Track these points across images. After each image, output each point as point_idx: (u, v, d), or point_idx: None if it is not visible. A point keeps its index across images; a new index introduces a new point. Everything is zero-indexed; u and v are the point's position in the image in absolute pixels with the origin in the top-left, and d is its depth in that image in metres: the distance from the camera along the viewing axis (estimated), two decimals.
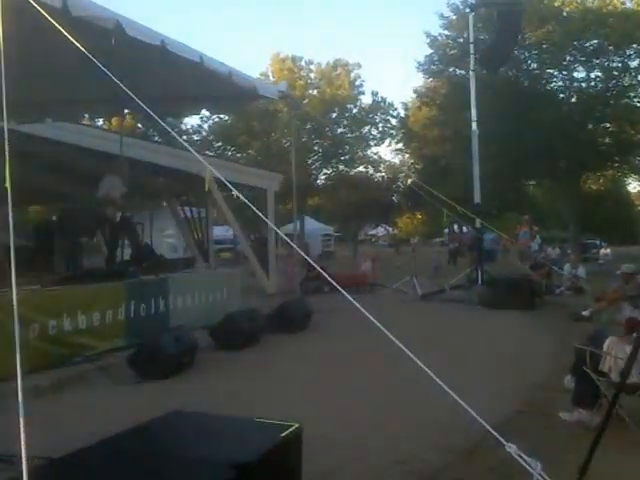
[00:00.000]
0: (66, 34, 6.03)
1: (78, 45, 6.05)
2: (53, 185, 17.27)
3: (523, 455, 3.25)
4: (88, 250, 13.42)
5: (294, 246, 7.21)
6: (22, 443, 2.93)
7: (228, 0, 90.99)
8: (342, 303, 13.88)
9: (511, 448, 3.28)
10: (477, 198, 16.72)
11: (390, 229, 65.46)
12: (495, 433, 3.44)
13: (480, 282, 15.87)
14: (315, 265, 6.25)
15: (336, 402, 6.54)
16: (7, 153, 5.79)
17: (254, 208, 5.83)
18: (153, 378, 7.46)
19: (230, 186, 5.65)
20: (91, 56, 6.12)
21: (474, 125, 16.80)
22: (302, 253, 6.26)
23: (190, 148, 7.18)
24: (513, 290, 14.16)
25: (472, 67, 17.07)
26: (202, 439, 3.24)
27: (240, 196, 5.60)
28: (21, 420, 3.13)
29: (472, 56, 17.05)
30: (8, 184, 5.77)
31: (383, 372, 7.53)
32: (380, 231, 71.95)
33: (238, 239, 18.99)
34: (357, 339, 9.95)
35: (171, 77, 9.76)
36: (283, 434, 3.26)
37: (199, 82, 9.97)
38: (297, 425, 3.38)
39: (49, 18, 6.12)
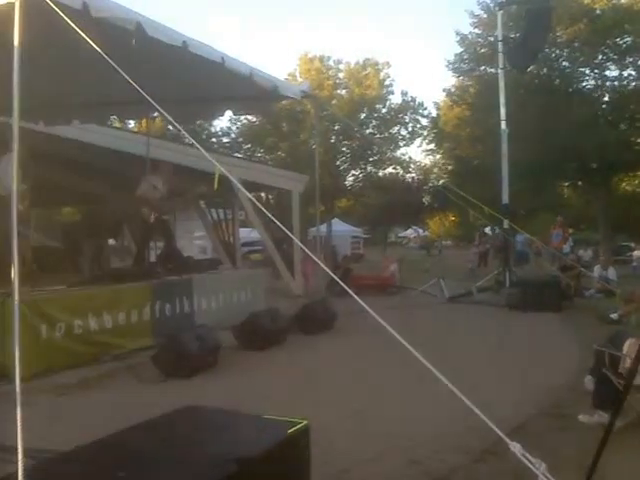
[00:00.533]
0: (84, 35, 6.14)
1: (95, 46, 6.15)
2: (82, 186, 17.54)
3: (527, 455, 3.26)
4: (116, 251, 13.66)
5: (305, 249, 7.24)
6: (19, 438, 3.00)
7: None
8: (368, 306, 13.93)
9: (515, 447, 3.29)
10: (505, 199, 16.63)
11: (421, 231, 65.20)
12: (499, 432, 3.45)
13: (508, 284, 15.73)
14: (329, 270, 6.28)
15: (353, 402, 6.61)
16: (16, 153, 5.97)
17: (265, 210, 5.92)
18: (177, 376, 7.56)
19: (239, 185, 5.74)
20: (107, 57, 6.21)
21: (503, 124, 16.71)
22: (311, 254, 6.25)
23: (199, 146, 7.29)
24: (541, 292, 14.06)
25: (501, 65, 17.02)
26: (207, 434, 3.33)
27: (251, 197, 5.69)
28: (18, 416, 3.16)
29: (500, 54, 16.98)
30: (15, 186, 5.97)
31: (401, 373, 7.56)
32: (411, 233, 71.67)
33: (264, 241, 19.07)
34: (379, 341, 10.02)
35: (193, 78, 9.84)
36: (289, 431, 3.31)
37: (221, 83, 10.03)
38: (304, 423, 3.43)
39: (66, 19, 6.22)
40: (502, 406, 6.39)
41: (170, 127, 41.24)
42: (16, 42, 6.46)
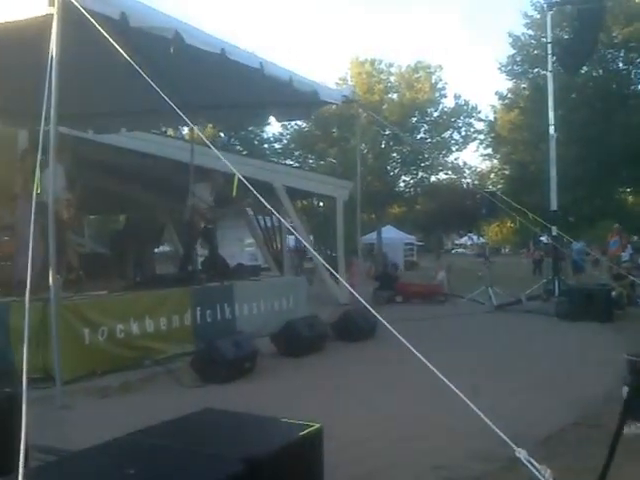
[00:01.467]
0: (116, 46, 6.35)
1: (126, 56, 6.34)
2: (131, 193, 17.90)
3: (533, 461, 3.28)
4: (164, 257, 13.96)
5: (320, 259, 7.32)
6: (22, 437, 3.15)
7: (308, 5, 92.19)
8: (414, 314, 13.99)
9: (520, 454, 3.32)
10: (553, 205, 16.47)
11: (475, 238, 64.53)
12: (506, 438, 3.49)
13: (557, 293, 15.54)
14: (338, 276, 6.32)
15: (382, 408, 6.72)
16: (39, 156, 6.23)
17: (277, 214, 6.01)
18: (214, 382, 7.74)
19: (251, 187, 5.87)
20: (136, 65, 6.39)
21: (551, 129, 16.53)
22: (320, 259, 6.33)
23: (213, 147, 7.44)
24: (591, 301, 13.82)
25: (550, 68, 16.87)
26: (218, 434, 3.44)
27: (260, 198, 5.80)
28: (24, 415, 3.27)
29: (549, 56, 16.82)
30: (34, 192, 6.20)
31: (435, 381, 7.61)
32: (468, 240, 71.09)
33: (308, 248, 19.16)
34: (419, 350, 10.03)
35: (234, 85, 10.02)
36: (301, 433, 3.40)
37: (262, 89, 10.16)
38: (317, 425, 3.51)
39: (101, 30, 6.42)
40: (537, 414, 6.42)
41: (222, 134, 42.05)
42: (53, 52, 6.75)
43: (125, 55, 6.36)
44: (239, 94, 10.62)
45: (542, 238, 35.98)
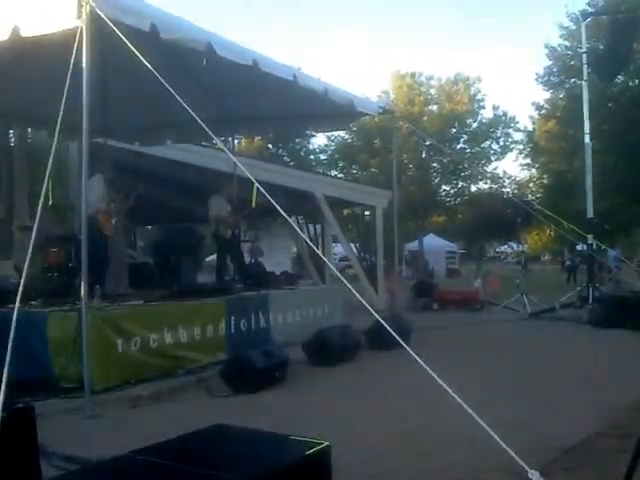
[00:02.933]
0: (142, 59, 6.16)
1: (151, 68, 6.17)
2: (175, 204, 17.88)
3: None
4: (199, 267, 13.80)
5: (330, 265, 7.06)
6: None
7: (347, 22, 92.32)
8: (448, 321, 13.67)
9: (533, 475, 3.05)
10: (590, 213, 16.02)
11: (515, 246, 63.71)
12: (517, 458, 3.23)
13: (591, 300, 15.02)
14: (352, 289, 6.07)
15: (409, 418, 6.49)
16: (49, 168, 6.08)
17: (290, 220, 5.76)
18: (244, 391, 7.49)
19: (264, 191, 5.67)
20: (162, 79, 6.21)
21: (587, 138, 16.09)
22: (329, 265, 6.10)
23: (230, 153, 7.23)
24: (626, 309, 13.37)
25: (585, 77, 16.46)
26: (223, 453, 3.26)
27: (267, 195, 5.59)
28: None
29: (584, 66, 16.40)
30: (42, 200, 6.06)
31: (466, 392, 7.32)
32: (508, 248, 70.32)
33: (348, 255, 19.08)
34: (453, 358, 9.70)
35: (267, 96, 9.81)
36: (308, 452, 3.19)
37: (296, 101, 9.96)
38: (325, 444, 3.30)
39: (126, 41, 6.25)
40: (564, 423, 6.10)
41: (270, 146, 42.18)
42: (85, 65, 6.61)
43: (150, 67, 6.19)
44: (273, 106, 10.41)
45: (578, 247, 35.35)
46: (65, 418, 6.42)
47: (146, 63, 6.14)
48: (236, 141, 33.14)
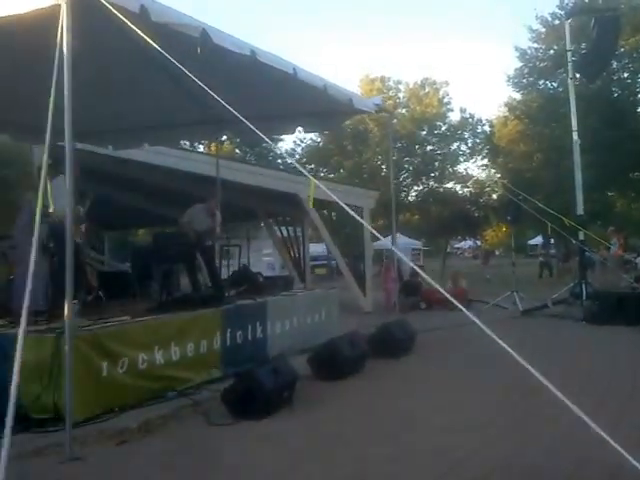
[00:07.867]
0: (144, 36, 4.95)
1: (158, 48, 4.92)
2: (153, 209, 16.71)
3: None
4: (178, 276, 12.45)
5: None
6: None
7: (318, 22, 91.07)
8: (441, 322, 12.60)
9: None
10: (580, 210, 15.14)
11: (474, 242, 63.33)
12: None
13: (584, 297, 14.08)
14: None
15: (434, 436, 5.62)
16: (44, 171, 4.83)
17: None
18: (248, 417, 6.17)
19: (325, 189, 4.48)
20: (178, 63, 5.01)
21: (575, 135, 15.18)
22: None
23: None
24: (620, 305, 12.58)
25: (570, 75, 15.67)
26: None
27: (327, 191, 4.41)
28: None
29: (570, 64, 15.58)
30: (39, 208, 4.83)
31: (504, 402, 6.58)
32: (466, 244, 69.96)
33: (334, 256, 18.13)
34: (466, 363, 8.83)
35: (263, 91, 8.62)
36: None
37: (293, 97, 8.79)
38: None
39: (125, 20, 5.04)
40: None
41: (238, 150, 40.87)
42: (65, 50, 5.34)
43: (154, 44, 4.93)
44: (269, 103, 9.20)
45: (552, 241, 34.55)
46: (39, 461, 5.10)
47: (150, 41, 4.99)
48: (202, 146, 32.07)
